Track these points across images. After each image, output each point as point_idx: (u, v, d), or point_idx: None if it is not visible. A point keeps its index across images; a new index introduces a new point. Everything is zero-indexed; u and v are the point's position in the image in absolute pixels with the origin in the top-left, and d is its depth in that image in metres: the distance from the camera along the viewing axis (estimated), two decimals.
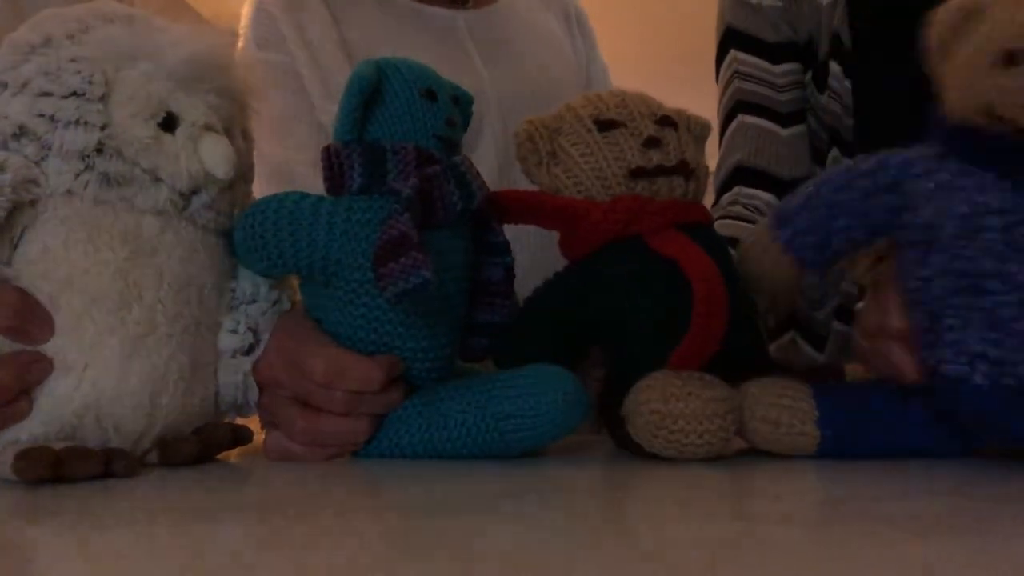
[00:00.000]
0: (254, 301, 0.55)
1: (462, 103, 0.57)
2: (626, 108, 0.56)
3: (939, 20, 0.48)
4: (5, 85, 0.50)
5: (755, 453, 0.52)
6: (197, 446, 0.51)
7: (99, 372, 0.48)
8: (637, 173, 0.54)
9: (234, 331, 0.54)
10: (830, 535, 0.34)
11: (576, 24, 1.00)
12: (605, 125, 0.56)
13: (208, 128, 0.51)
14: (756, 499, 0.42)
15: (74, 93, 0.49)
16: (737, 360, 0.52)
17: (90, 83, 0.49)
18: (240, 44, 0.84)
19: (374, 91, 0.53)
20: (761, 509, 0.40)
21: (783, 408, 0.49)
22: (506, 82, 0.85)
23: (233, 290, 0.55)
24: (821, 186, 0.51)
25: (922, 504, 0.40)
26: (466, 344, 0.57)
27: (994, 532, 0.34)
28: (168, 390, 0.50)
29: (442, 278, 0.51)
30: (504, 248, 0.57)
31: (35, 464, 0.45)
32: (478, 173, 0.55)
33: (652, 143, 0.55)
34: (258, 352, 0.54)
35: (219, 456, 0.55)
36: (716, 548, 0.32)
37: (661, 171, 0.55)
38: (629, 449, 0.51)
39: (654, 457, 0.50)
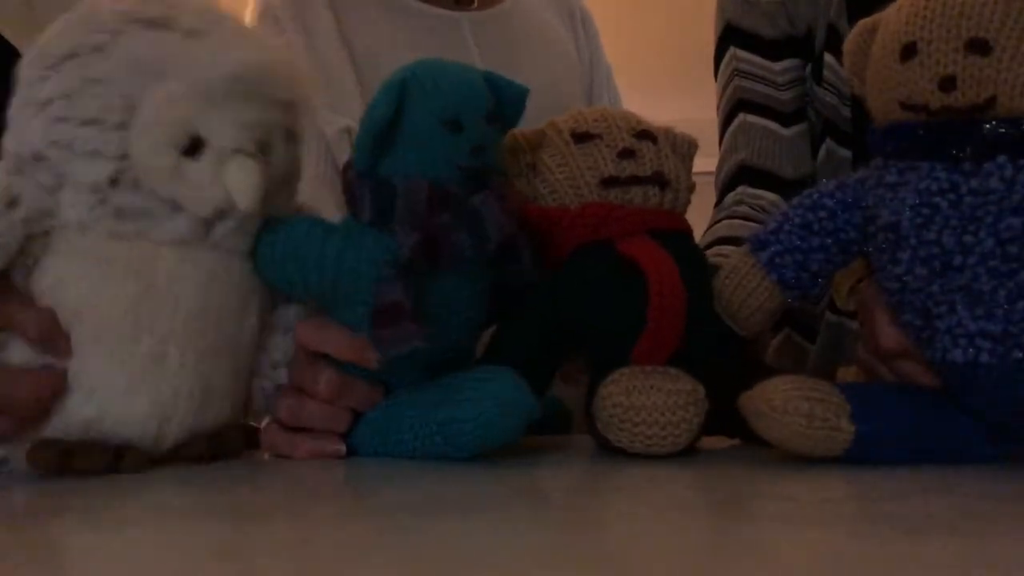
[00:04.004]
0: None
1: (507, 109, 0.54)
2: (605, 122, 0.58)
3: (848, 48, 0.52)
4: (29, 102, 0.48)
5: (755, 453, 0.51)
6: (204, 447, 0.51)
7: (106, 397, 0.48)
8: (609, 182, 0.55)
9: (277, 347, 0.55)
10: (830, 535, 0.34)
11: (580, 23, 1.00)
12: (582, 137, 0.57)
13: (237, 151, 0.49)
14: (756, 499, 0.43)
15: (92, 120, 0.47)
16: (708, 360, 0.53)
17: (110, 110, 0.47)
18: None
19: (396, 115, 0.51)
20: (761, 509, 0.40)
21: (815, 401, 0.47)
22: None
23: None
24: (791, 211, 0.54)
25: (922, 504, 0.40)
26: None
27: (994, 532, 0.34)
28: (177, 415, 0.50)
29: (447, 322, 0.52)
30: (520, 289, 0.55)
31: (47, 454, 0.47)
32: (502, 208, 0.51)
33: (627, 154, 0.56)
34: None
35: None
36: (714, 548, 0.32)
37: (634, 180, 0.56)
38: (602, 445, 0.53)
39: (623, 452, 0.51)
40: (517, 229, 0.52)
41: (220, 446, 0.52)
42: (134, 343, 0.48)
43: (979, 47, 0.46)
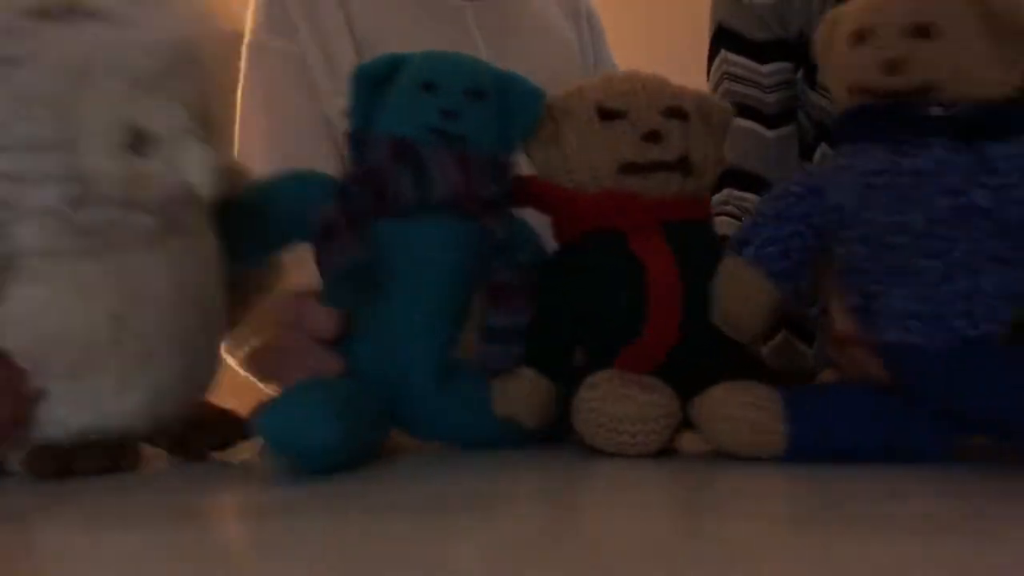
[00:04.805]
0: None
1: (514, 105, 0.56)
2: (633, 96, 0.55)
3: (816, 39, 0.53)
4: None
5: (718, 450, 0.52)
6: (202, 444, 0.53)
7: (99, 403, 0.48)
8: (628, 169, 0.54)
9: None
10: (830, 535, 0.34)
11: (586, 21, 1.01)
12: (608, 114, 0.55)
13: (184, 134, 0.48)
14: (756, 499, 0.43)
15: (28, 146, 0.45)
16: (706, 359, 0.53)
17: (46, 126, 0.45)
18: (248, 29, 0.84)
19: (385, 82, 0.54)
20: (761, 509, 0.40)
21: (748, 406, 0.49)
22: None
23: None
24: (764, 204, 0.54)
25: (921, 504, 0.40)
26: (481, 352, 0.54)
27: (994, 532, 0.34)
28: (172, 399, 0.50)
29: (407, 272, 0.53)
30: (505, 245, 0.55)
31: (45, 461, 0.47)
32: (455, 165, 0.53)
33: (652, 137, 0.54)
34: None
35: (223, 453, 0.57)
36: (712, 548, 0.32)
37: (656, 167, 0.54)
38: (579, 441, 0.53)
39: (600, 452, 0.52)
40: (472, 190, 0.53)
41: (218, 439, 0.54)
42: (120, 349, 0.48)
43: (925, 31, 0.47)
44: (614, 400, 0.51)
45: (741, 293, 0.52)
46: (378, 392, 0.53)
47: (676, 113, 0.55)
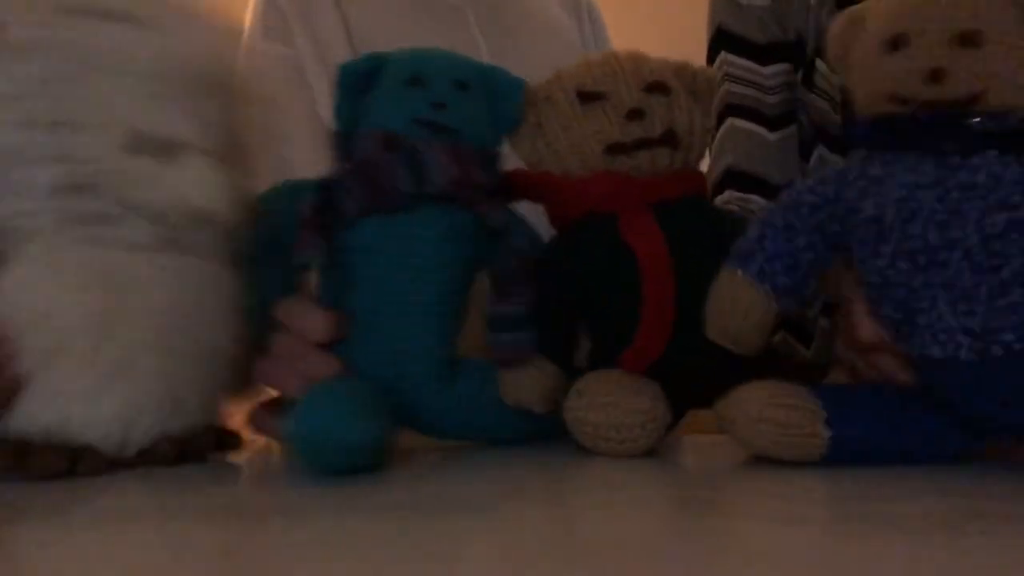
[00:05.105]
0: None
1: (500, 94, 0.56)
2: (612, 77, 0.55)
3: (833, 35, 0.51)
4: None
5: (753, 454, 0.51)
6: (173, 451, 0.50)
7: (68, 403, 0.47)
8: (614, 149, 0.54)
9: None
10: (830, 535, 0.35)
11: (587, 15, 1.00)
12: (587, 97, 0.55)
13: (199, 152, 0.47)
14: (758, 499, 0.43)
15: (36, 122, 0.45)
16: (707, 349, 0.52)
17: (57, 111, 0.45)
18: (244, 31, 0.83)
19: (368, 80, 0.54)
20: (763, 509, 0.40)
21: (790, 408, 0.47)
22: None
23: None
24: (771, 215, 0.52)
25: (922, 504, 0.40)
26: (491, 341, 0.54)
27: (994, 532, 0.34)
28: (144, 421, 0.49)
29: (404, 265, 0.52)
30: (504, 232, 0.54)
31: (2, 454, 0.45)
32: (449, 157, 0.53)
33: (635, 115, 0.54)
34: None
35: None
36: (717, 547, 0.33)
37: (642, 144, 0.54)
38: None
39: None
40: (469, 180, 0.53)
41: (189, 450, 0.52)
42: (99, 350, 0.47)
43: (970, 39, 0.45)
44: (598, 408, 0.51)
45: (741, 309, 0.51)
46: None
47: (658, 88, 0.55)
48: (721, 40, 0.87)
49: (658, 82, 0.55)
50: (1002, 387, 0.45)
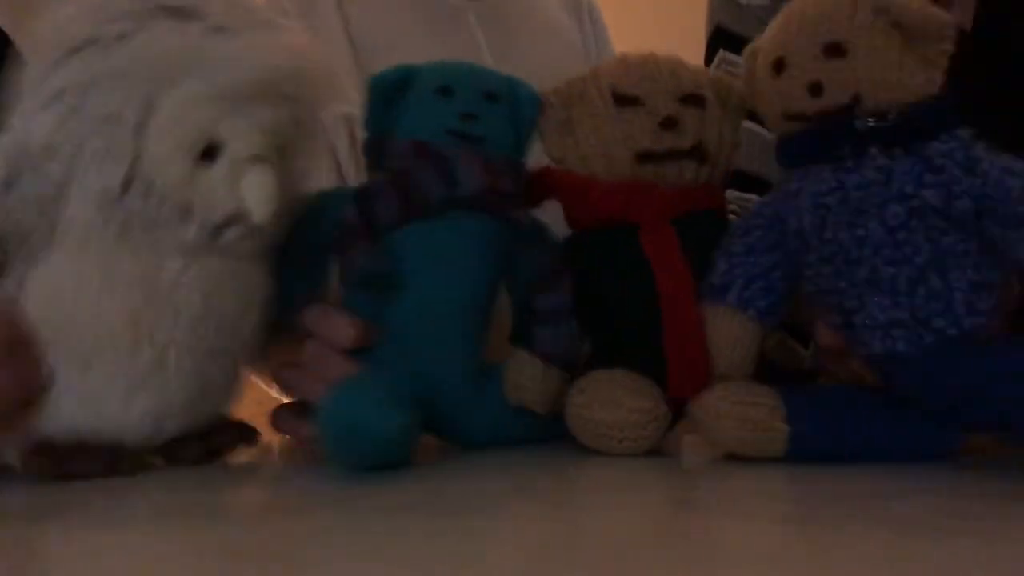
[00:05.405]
0: None
1: (522, 107, 0.57)
2: (650, 81, 0.55)
3: (743, 71, 0.54)
4: (37, 92, 0.45)
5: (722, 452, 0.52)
6: (201, 450, 0.53)
7: (103, 404, 0.48)
8: (644, 157, 0.54)
9: None
10: (830, 535, 0.34)
11: (588, 15, 1.01)
12: (623, 100, 0.55)
13: (255, 159, 0.47)
14: (758, 499, 0.43)
15: (109, 116, 0.45)
16: None
17: (128, 107, 0.44)
18: None
19: (398, 92, 0.55)
20: (763, 509, 0.41)
21: (748, 405, 0.49)
22: (515, 75, 0.85)
23: None
24: (731, 243, 0.53)
25: (920, 504, 0.40)
26: (533, 337, 0.54)
27: (994, 532, 0.34)
28: (174, 417, 0.50)
29: (437, 273, 0.53)
30: (534, 232, 0.55)
31: (43, 459, 0.47)
32: (481, 166, 0.53)
33: (668, 124, 0.54)
34: None
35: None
36: (714, 546, 0.33)
37: (671, 155, 0.54)
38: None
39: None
40: (498, 188, 0.54)
41: (215, 446, 0.54)
42: (134, 353, 0.47)
43: (835, 51, 0.48)
44: (600, 406, 0.52)
45: (729, 340, 0.52)
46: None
47: (693, 100, 0.55)
48: (720, 38, 0.87)
49: (695, 95, 0.55)
50: (948, 376, 0.46)
